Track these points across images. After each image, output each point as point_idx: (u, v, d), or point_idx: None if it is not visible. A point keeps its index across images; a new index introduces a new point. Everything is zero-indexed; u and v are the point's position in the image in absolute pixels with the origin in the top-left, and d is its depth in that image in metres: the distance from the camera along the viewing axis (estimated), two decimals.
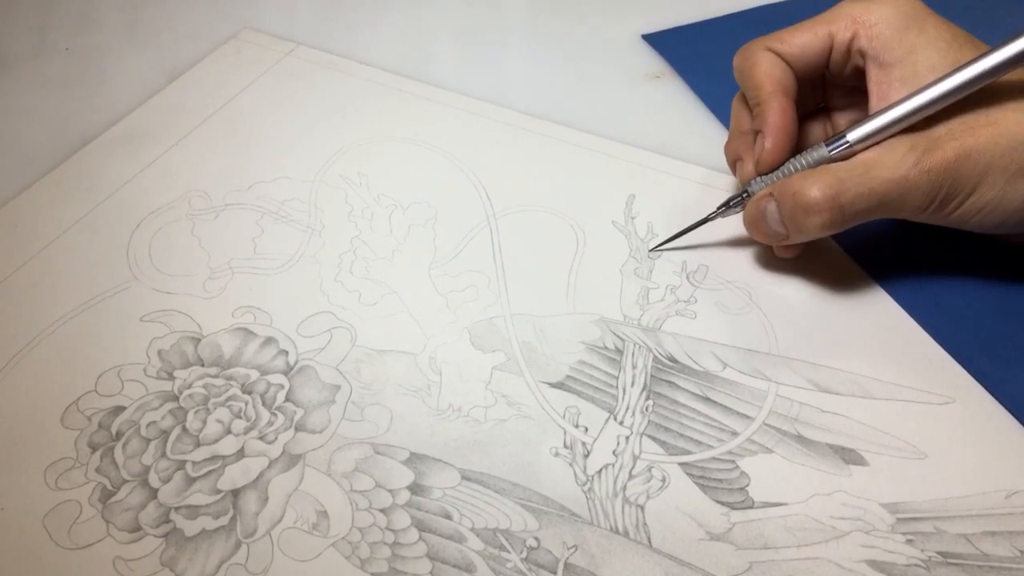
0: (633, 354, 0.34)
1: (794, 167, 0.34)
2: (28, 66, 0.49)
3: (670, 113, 0.45)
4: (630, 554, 0.28)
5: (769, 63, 0.34)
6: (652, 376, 0.33)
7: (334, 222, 0.39)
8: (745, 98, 0.36)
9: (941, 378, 0.33)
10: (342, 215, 0.40)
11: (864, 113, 0.34)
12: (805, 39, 0.34)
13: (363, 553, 0.28)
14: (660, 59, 0.49)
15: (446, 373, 0.33)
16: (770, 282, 0.36)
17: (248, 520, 0.29)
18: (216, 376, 0.33)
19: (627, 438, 0.31)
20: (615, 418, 0.32)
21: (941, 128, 0.31)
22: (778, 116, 0.34)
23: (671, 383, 0.33)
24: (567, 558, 0.28)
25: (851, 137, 0.32)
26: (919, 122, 0.31)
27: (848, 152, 0.32)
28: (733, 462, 0.31)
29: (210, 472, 0.30)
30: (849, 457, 0.31)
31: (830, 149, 0.33)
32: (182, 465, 0.30)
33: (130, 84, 0.47)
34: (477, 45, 0.50)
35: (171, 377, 0.33)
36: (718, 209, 0.36)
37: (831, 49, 0.34)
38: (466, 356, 0.34)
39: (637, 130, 0.44)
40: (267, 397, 0.32)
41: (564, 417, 0.32)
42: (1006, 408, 0.32)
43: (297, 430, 0.31)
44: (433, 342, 0.34)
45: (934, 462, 0.31)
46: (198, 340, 0.34)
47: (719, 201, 0.36)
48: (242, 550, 0.28)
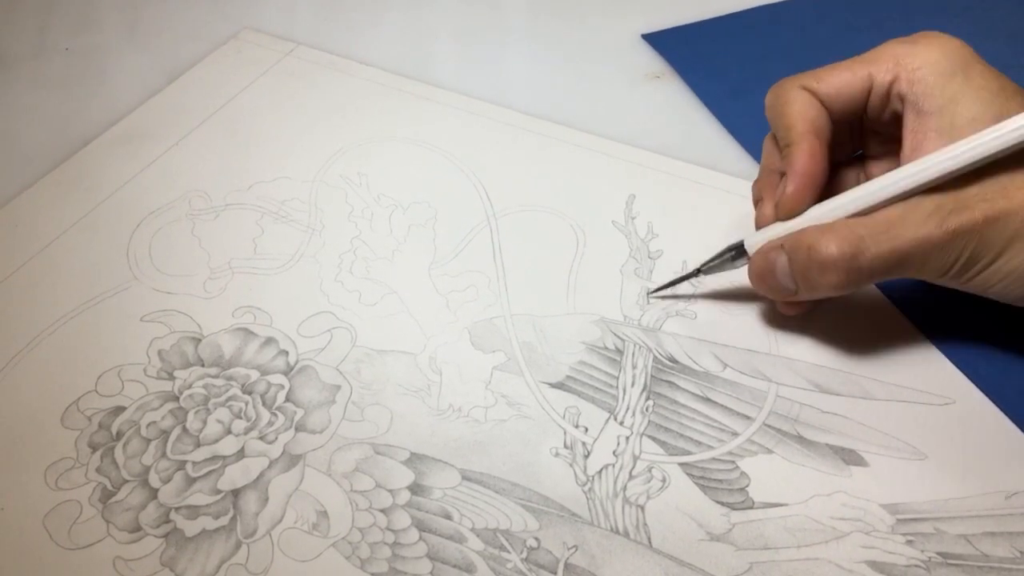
0: (633, 354, 0.34)
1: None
2: (28, 66, 0.49)
3: (670, 113, 0.45)
4: (630, 554, 0.28)
5: (803, 102, 0.32)
6: (652, 376, 0.33)
7: (334, 222, 0.39)
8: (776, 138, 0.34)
9: (941, 379, 0.33)
10: (342, 215, 0.40)
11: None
12: (843, 79, 0.32)
13: (363, 553, 0.28)
14: (660, 59, 0.49)
15: (446, 373, 0.33)
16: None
17: (248, 520, 0.29)
18: (216, 376, 0.33)
19: (627, 438, 0.31)
20: (615, 418, 0.32)
21: (973, 188, 0.29)
22: (806, 159, 0.31)
23: (671, 383, 0.33)
24: (567, 558, 0.28)
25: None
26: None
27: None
28: (733, 462, 0.31)
29: (210, 472, 0.30)
30: (849, 458, 0.31)
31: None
32: (182, 465, 0.30)
33: (130, 84, 0.47)
34: (477, 45, 0.50)
35: (171, 377, 0.33)
36: (714, 260, 0.35)
37: (870, 91, 0.32)
38: (466, 356, 0.34)
39: (637, 130, 0.44)
40: (267, 397, 0.32)
41: (564, 417, 0.32)
42: (1004, 412, 0.32)
43: (297, 430, 0.31)
44: (433, 342, 0.34)
45: (934, 463, 0.31)
46: (198, 340, 0.34)
47: (719, 201, 0.36)
48: (242, 550, 0.28)
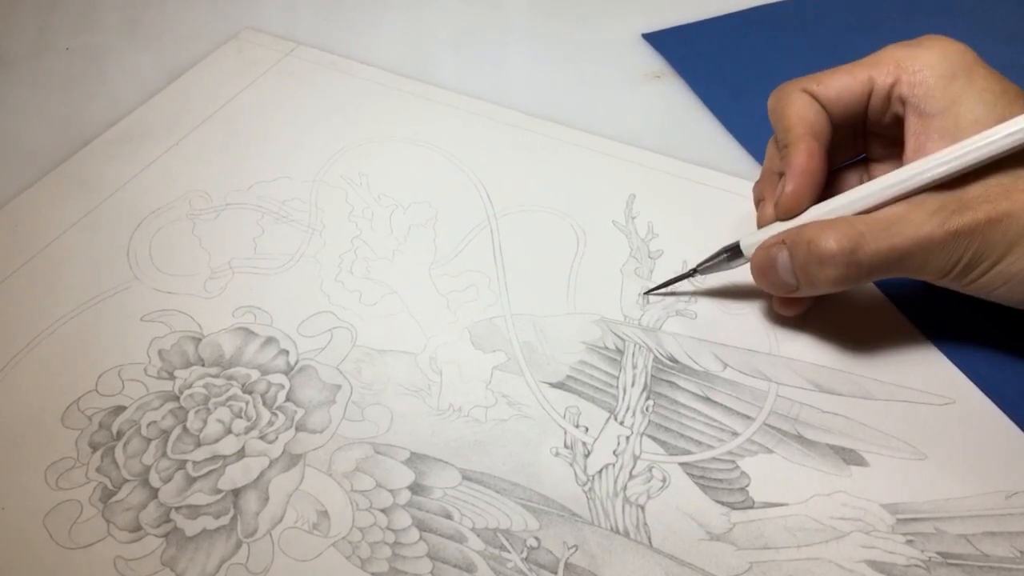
0: (633, 354, 0.34)
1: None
2: (28, 66, 0.49)
3: (670, 113, 0.45)
4: (630, 554, 0.28)
5: (802, 104, 0.32)
6: (652, 376, 0.33)
7: (334, 222, 0.39)
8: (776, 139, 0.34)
9: (941, 379, 0.33)
10: (343, 215, 0.40)
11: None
12: (843, 82, 0.32)
13: (364, 553, 0.28)
14: (660, 59, 0.49)
15: (446, 373, 0.33)
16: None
17: (249, 520, 0.29)
18: (217, 376, 0.33)
19: (627, 438, 0.31)
20: (615, 418, 0.32)
21: (976, 188, 0.29)
22: (803, 159, 0.32)
23: (671, 383, 0.33)
24: (567, 558, 0.28)
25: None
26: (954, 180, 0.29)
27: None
28: (733, 462, 0.31)
29: (211, 472, 0.30)
30: (849, 457, 0.31)
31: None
32: (183, 465, 0.30)
33: (130, 84, 0.47)
34: (477, 45, 0.50)
35: (172, 377, 0.33)
36: (710, 260, 0.35)
37: (871, 94, 0.32)
38: (466, 356, 0.34)
39: (637, 130, 0.44)
40: (268, 397, 0.32)
41: (564, 417, 0.32)
42: (1004, 412, 0.32)
43: (298, 430, 0.31)
44: (433, 342, 0.34)
45: (934, 463, 0.31)
46: (199, 340, 0.34)
47: (719, 201, 0.36)
48: (243, 550, 0.28)
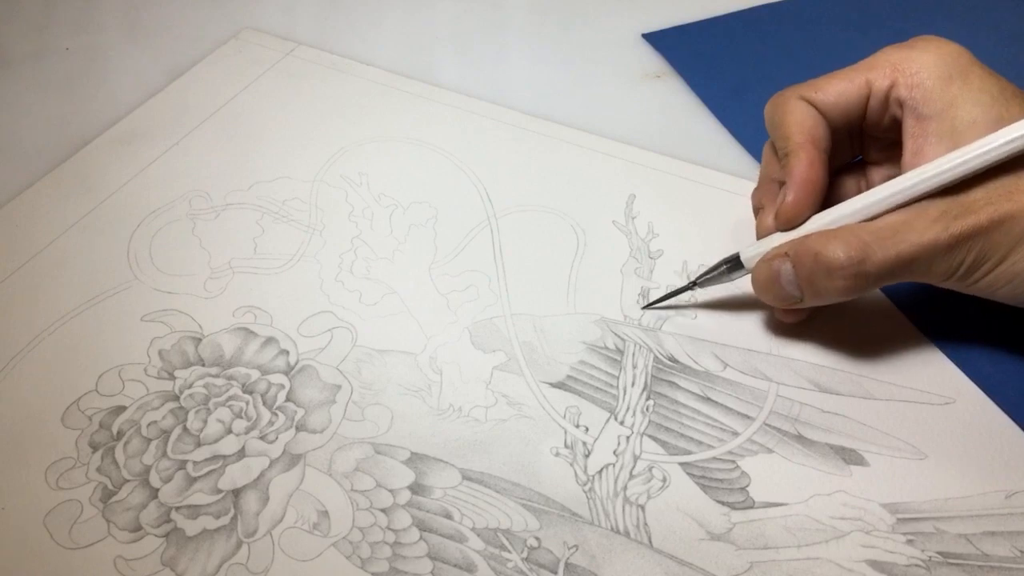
0: (634, 354, 0.34)
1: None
2: (28, 66, 0.49)
3: (670, 113, 0.45)
4: (631, 554, 0.28)
5: (801, 112, 0.32)
6: (653, 376, 0.33)
7: (335, 222, 0.39)
8: (775, 147, 0.34)
9: (941, 379, 0.33)
10: (343, 215, 0.40)
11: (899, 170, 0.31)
12: (840, 87, 0.32)
13: (364, 553, 0.28)
14: (660, 59, 0.49)
15: (447, 373, 0.33)
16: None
17: (249, 520, 0.29)
18: (217, 376, 0.33)
19: (628, 438, 0.31)
20: (616, 418, 0.32)
21: (978, 191, 0.29)
22: (804, 168, 0.31)
23: (672, 383, 0.33)
24: (568, 558, 0.28)
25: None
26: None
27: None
28: (733, 462, 0.31)
29: (211, 472, 0.30)
30: (849, 457, 0.31)
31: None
32: (183, 465, 0.30)
33: (130, 84, 0.47)
34: (477, 45, 0.50)
35: (172, 377, 0.33)
36: (709, 273, 0.34)
37: (868, 98, 0.32)
38: (467, 356, 0.34)
39: (637, 130, 0.44)
40: (268, 397, 0.32)
41: (565, 417, 0.32)
42: (1004, 412, 0.32)
43: (298, 430, 0.31)
44: (434, 342, 0.34)
45: (934, 462, 0.31)
46: (199, 340, 0.34)
47: (719, 201, 0.36)
48: (243, 550, 0.28)
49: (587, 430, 0.32)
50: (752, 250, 0.33)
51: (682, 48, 0.49)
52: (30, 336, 0.34)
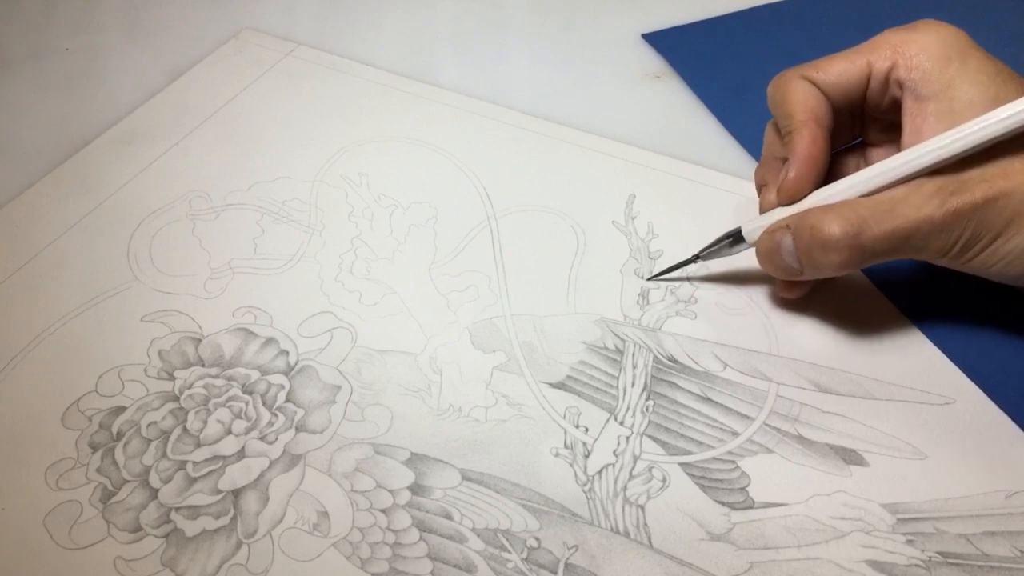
0: (633, 354, 0.34)
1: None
2: (28, 66, 0.49)
3: (670, 113, 0.45)
4: (631, 554, 0.28)
5: (803, 91, 0.33)
6: (652, 376, 0.33)
7: (334, 222, 0.39)
8: (778, 126, 0.35)
9: (941, 378, 0.33)
10: (343, 215, 0.40)
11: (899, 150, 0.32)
12: (842, 68, 0.33)
13: (364, 553, 0.28)
14: (660, 59, 0.49)
15: (447, 373, 0.33)
16: (770, 282, 0.36)
17: (249, 520, 0.29)
18: (217, 376, 0.33)
19: (627, 438, 0.31)
20: (615, 418, 0.32)
21: (974, 171, 0.29)
22: (807, 145, 0.32)
23: (671, 383, 0.33)
24: (568, 558, 0.28)
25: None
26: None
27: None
28: (733, 462, 0.31)
29: (211, 472, 0.30)
30: (849, 457, 0.31)
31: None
32: (183, 465, 0.30)
33: (130, 84, 0.47)
34: (477, 45, 0.50)
35: (172, 377, 0.33)
36: (712, 246, 0.35)
37: (869, 79, 0.33)
38: (466, 356, 0.34)
39: (637, 130, 0.44)
40: (268, 397, 0.32)
41: (564, 417, 0.32)
42: (1004, 412, 0.32)
43: (298, 430, 0.31)
44: (433, 342, 0.34)
45: (934, 462, 0.31)
46: (199, 340, 0.34)
47: (719, 201, 0.36)
48: (243, 550, 0.28)
49: (587, 430, 0.32)
50: (754, 223, 0.34)
51: (682, 48, 0.49)
52: (30, 336, 0.34)
